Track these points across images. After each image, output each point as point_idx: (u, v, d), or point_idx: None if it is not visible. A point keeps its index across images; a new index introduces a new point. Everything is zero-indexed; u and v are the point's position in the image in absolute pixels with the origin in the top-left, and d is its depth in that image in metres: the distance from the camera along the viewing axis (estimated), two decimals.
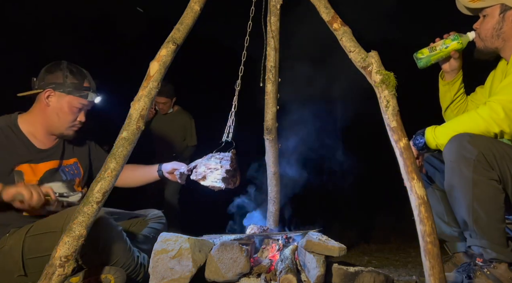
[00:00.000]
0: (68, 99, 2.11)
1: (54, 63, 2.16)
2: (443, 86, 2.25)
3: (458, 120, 1.93)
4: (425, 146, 1.95)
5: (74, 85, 2.12)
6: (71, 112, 2.13)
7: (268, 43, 2.39)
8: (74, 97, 2.12)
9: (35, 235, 1.87)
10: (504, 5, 1.99)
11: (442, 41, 2.09)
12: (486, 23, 2.03)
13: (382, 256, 3.66)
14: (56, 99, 2.10)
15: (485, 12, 2.03)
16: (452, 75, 2.20)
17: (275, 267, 1.88)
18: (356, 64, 1.70)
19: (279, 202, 2.54)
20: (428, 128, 1.96)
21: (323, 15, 1.80)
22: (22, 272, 1.86)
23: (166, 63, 1.74)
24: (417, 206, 1.49)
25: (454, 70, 2.19)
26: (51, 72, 2.12)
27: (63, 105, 2.11)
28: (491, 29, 2.01)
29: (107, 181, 1.60)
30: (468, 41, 2.09)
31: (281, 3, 2.38)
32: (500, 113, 1.82)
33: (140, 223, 2.39)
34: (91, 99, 2.17)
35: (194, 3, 1.82)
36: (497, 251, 1.82)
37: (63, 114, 2.12)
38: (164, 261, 1.80)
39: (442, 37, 2.12)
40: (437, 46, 2.09)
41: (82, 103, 2.14)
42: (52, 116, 2.11)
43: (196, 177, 2.11)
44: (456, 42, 2.07)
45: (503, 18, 1.99)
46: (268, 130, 2.49)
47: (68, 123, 2.14)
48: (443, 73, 2.25)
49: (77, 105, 2.13)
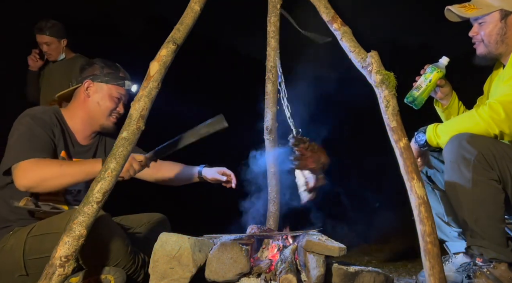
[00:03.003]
0: (107, 88, 2.19)
1: (88, 60, 2.28)
2: (443, 112, 2.28)
3: (459, 119, 1.94)
4: (426, 144, 1.97)
5: (111, 75, 2.20)
6: (112, 100, 2.20)
7: (268, 43, 2.39)
8: (112, 86, 2.20)
9: (37, 236, 1.86)
10: (503, 10, 1.99)
11: (423, 77, 2.11)
12: (487, 29, 2.03)
13: (382, 256, 3.66)
14: (95, 89, 2.18)
15: (482, 20, 2.04)
16: (448, 99, 2.24)
17: (275, 267, 1.88)
18: (356, 64, 1.70)
19: (279, 202, 2.54)
20: (430, 126, 1.97)
21: (323, 15, 1.80)
22: (23, 272, 1.85)
23: (166, 63, 1.74)
24: (417, 206, 1.49)
25: (448, 94, 2.22)
26: (86, 67, 2.22)
27: (103, 94, 2.18)
28: (495, 35, 2.01)
29: (107, 181, 1.60)
30: (445, 65, 2.12)
31: (281, 3, 2.39)
32: (500, 114, 1.82)
33: (143, 227, 2.39)
34: (128, 88, 2.24)
35: (194, 3, 1.82)
36: (497, 251, 1.83)
37: (103, 102, 2.19)
38: (164, 261, 1.80)
39: (420, 74, 2.14)
40: (421, 83, 2.10)
41: (119, 92, 2.21)
42: (93, 106, 2.18)
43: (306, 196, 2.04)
44: (436, 72, 2.09)
45: (506, 24, 2.00)
46: (268, 130, 2.49)
47: (108, 111, 2.20)
48: (437, 102, 2.28)
49: (115, 94, 2.20)
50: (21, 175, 1.88)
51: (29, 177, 1.88)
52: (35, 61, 3.69)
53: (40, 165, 1.90)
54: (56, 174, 1.89)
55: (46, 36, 3.61)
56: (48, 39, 3.62)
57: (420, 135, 1.99)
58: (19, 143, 1.95)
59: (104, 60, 2.25)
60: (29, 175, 1.88)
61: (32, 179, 1.88)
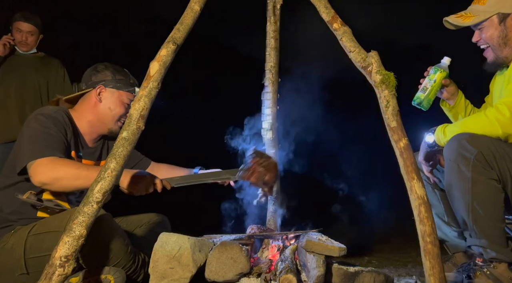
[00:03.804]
0: (118, 94, 2.24)
1: (97, 64, 2.29)
2: (450, 111, 2.29)
3: (468, 120, 1.95)
4: (435, 144, 1.98)
5: (122, 81, 2.25)
6: (122, 106, 2.25)
7: (268, 43, 2.39)
8: (124, 92, 2.25)
9: (38, 234, 1.87)
10: (501, 13, 2.00)
11: (427, 78, 2.12)
12: (488, 33, 2.03)
13: (382, 256, 3.66)
14: (107, 95, 2.22)
15: (481, 26, 2.04)
16: (454, 99, 2.25)
17: (275, 267, 1.88)
18: (356, 64, 1.70)
19: (279, 202, 2.54)
20: (439, 127, 1.99)
21: (323, 15, 1.80)
22: (23, 271, 1.86)
23: (166, 63, 1.74)
24: (417, 206, 1.49)
25: (454, 94, 2.23)
26: (97, 71, 2.25)
27: (115, 100, 2.23)
28: (496, 38, 2.02)
29: (107, 181, 1.60)
30: (447, 65, 2.13)
31: (281, 3, 2.39)
32: (505, 114, 1.82)
33: (143, 227, 2.39)
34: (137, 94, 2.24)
35: (194, 3, 1.82)
36: (497, 251, 1.83)
37: (114, 107, 2.23)
38: (164, 261, 1.80)
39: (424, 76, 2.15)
40: (426, 85, 2.12)
41: (130, 98, 2.25)
42: (105, 111, 2.22)
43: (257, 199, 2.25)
44: (439, 72, 2.10)
45: (505, 26, 2.00)
46: (268, 130, 2.49)
47: (118, 116, 2.25)
48: (443, 101, 2.28)
49: (126, 100, 2.25)
50: (40, 171, 1.89)
51: (47, 174, 1.89)
52: (8, 48, 3.51)
53: (59, 163, 1.92)
54: (73, 175, 1.91)
55: (32, 26, 3.56)
56: (33, 29, 3.57)
57: (429, 134, 2.02)
58: (35, 140, 1.97)
59: (114, 65, 2.29)
60: (47, 172, 1.89)
61: (50, 176, 1.89)
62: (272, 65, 2.42)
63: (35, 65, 3.62)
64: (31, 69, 3.59)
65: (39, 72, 3.61)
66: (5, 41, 3.50)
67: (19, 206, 2.00)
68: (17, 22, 3.55)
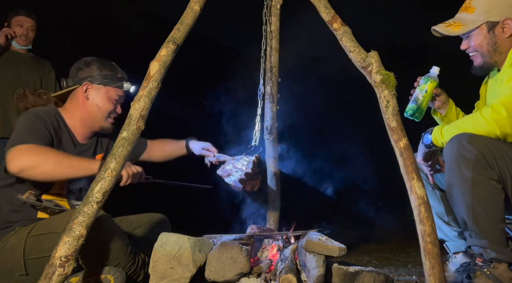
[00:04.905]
0: (106, 90, 2.17)
1: (83, 60, 2.22)
2: (442, 120, 2.30)
3: (464, 121, 1.95)
4: (432, 144, 1.98)
5: (109, 76, 2.18)
6: (110, 102, 2.19)
7: (268, 43, 2.39)
8: (111, 88, 2.18)
9: (37, 235, 1.86)
10: (490, 22, 2.01)
11: (418, 89, 2.12)
12: (477, 41, 2.05)
13: (382, 256, 3.66)
14: (94, 92, 2.16)
15: (470, 35, 2.06)
16: (445, 108, 2.25)
17: (275, 267, 1.88)
18: (356, 64, 1.70)
19: (279, 202, 2.54)
20: (436, 127, 1.99)
21: (323, 15, 1.80)
22: (23, 272, 1.85)
23: (166, 63, 1.74)
24: (417, 206, 1.49)
25: (445, 102, 2.24)
26: (83, 67, 2.19)
27: (102, 97, 2.16)
28: (486, 45, 2.04)
29: (107, 181, 1.60)
30: (436, 74, 2.13)
31: (281, 3, 2.39)
32: (502, 113, 1.82)
33: (143, 227, 2.39)
34: (127, 89, 2.22)
35: (194, 3, 1.82)
36: (497, 251, 1.83)
37: (103, 105, 2.17)
38: (164, 261, 1.80)
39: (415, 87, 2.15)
40: (418, 95, 2.12)
41: (118, 94, 2.20)
42: (93, 108, 2.17)
43: (222, 174, 2.19)
44: (430, 82, 2.10)
45: (494, 34, 2.02)
46: (268, 130, 2.49)
47: (107, 113, 2.20)
48: (435, 111, 2.30)
49: (114, 96, 2.19)
50: (18, 156, 1.83)
51: (26, 159, 1.82)
52: (8, 39, 3.52)
53: (39, 150, 1.86)
54: (54, 162, 1.85)
55: (33, 21, 3.63)
56: (34, 24, 3.65)
57: (427, 135, 2.02)
58: (18, 132, 1.94)
59: (101, 60, 2.22)
60: (26, 156, 1.82)
61: (28, 161, 1.82)
62: (273, 65, 2.42)
63: (30, 63, 3.68)
64: (26, 66, 3.64)
65: (33, 70, 3.67)
66: (7, 32, 3.52)
67: (19, 206, 1.99)
68: (19, 16, 3.59)
